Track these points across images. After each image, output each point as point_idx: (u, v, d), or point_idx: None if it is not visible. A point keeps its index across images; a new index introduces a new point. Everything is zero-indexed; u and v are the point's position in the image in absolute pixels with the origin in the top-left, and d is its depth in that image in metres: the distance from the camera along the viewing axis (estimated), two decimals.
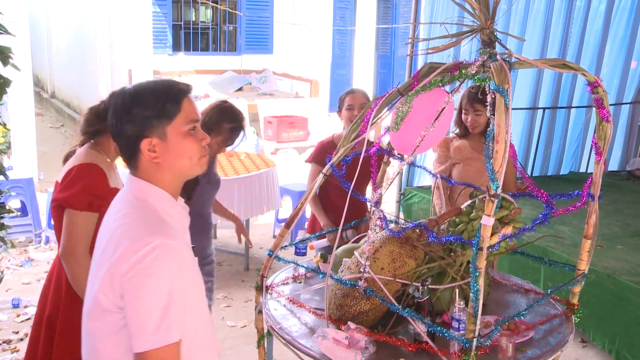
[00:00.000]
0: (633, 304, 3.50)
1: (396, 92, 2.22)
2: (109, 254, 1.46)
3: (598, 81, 2.12)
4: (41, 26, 12.59)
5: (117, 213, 1.54)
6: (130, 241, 1.42)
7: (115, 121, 1.51)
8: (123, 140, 1.52)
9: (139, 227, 1.46)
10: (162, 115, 1.49)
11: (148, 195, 1.52)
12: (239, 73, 11.29)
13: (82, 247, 2.24)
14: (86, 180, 2.25)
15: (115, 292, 1.43)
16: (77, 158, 2.34)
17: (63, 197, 2.25)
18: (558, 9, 5.85)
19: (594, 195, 2.26)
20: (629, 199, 5.54)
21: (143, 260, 1.39)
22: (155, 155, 1.50)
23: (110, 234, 1.50)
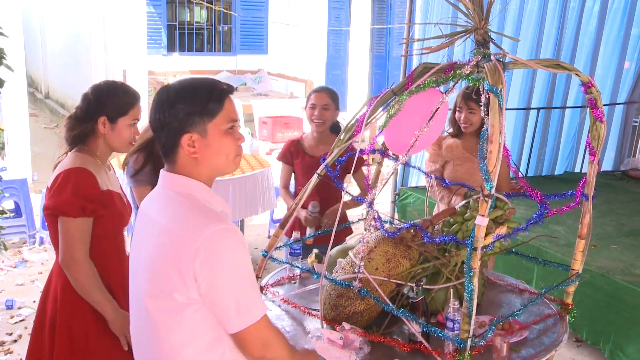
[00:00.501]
0: (627, 304, 3.51)
1: (390, 93, 2.22)
2: (168, 250, 1.48)
3: (591, 81, 2.13)
4: (35, 26, 12.54)
5: (163, 210, 1.56)
6: (194, 231, 1.45)
7: (158, 115, 1.55)
8: (164, 134, 1.55)
9: (196, 218, 1.49)
10: (205, 113, 1.54)
11: (190, 189, 1.56)
12: (233, 73, 11.28)
13: (81, 252, 2.20)
14: (75, 184, 2.20)
15: (188, 285, 1.45)
16: (64, 163, 2.29)
17: (54, 205, 2.20)
18: (552, 9, 5.87)
19: (588, 195, 2.27)
20: (623, 199, 5.56)
21: (213, 245, 1.43)
22: (195, 151, 1.54)
23: (162, 231, 1.52)
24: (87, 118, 2.29)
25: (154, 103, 1.58)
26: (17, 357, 3.71)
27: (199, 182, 1.58)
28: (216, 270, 1.44)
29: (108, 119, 2.28)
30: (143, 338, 1.62)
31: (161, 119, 1.55)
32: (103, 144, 2.33)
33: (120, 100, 2.30)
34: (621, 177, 6.40)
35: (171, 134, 1.54)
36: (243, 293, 1.47)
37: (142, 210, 1.66)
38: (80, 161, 2.25)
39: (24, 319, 4.20)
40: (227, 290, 1.45)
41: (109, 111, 2.28)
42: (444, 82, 2.11)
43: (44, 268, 5.09)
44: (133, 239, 1.68)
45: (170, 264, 1.47)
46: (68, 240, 2.19)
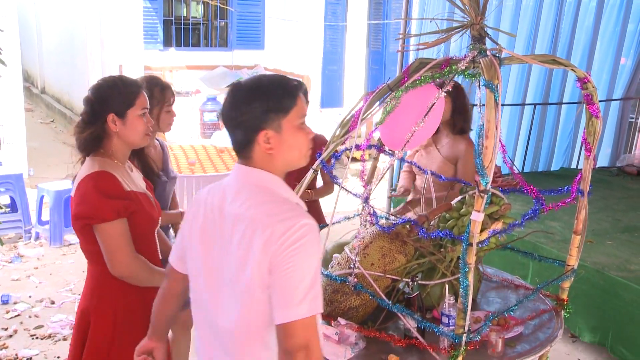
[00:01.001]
0: (622, 300, 3.52)
1: (386, 88, 2.22)
2: (249, 240, 1.51)
3: (587, 77, 2.13)
4: (31, 21, 12.49)
5: (242, 201, 1.57)
6: (280, 223, 1.49)
7: (234, 113, 1.58)
8: (240, 131, 1.59)
9: (281, 210, 1.53)
10: (280, 109, 1.57)
11: (268, 182, 1.60)
12: (230, 69, 11.25)
13: (130, 252, 2.12)
14: (98, 188, 2.09)
15: (263, 272, 1.49)
16: (83, 171, 2.17)
17: (87, 214, 2.08)
18: (548, 4, 5.86)
19: (584, 191, 2.27)
20: (619, 195, 5.57)
21: (297, 237, 1.47)
22: (270, 147, 1.58)
23: (241, 221, 1.55)
24: (95, 120, 2.18)
25: (228, 101, 1.60)
26: (12, 352, 3.71)
27: (278, 177, 1.62)
28: (298, 258, 1.47)
29: (117, 115, 2.17)
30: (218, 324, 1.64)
31: (237, 117, 1.58)
32: (119, 143, 2.21)
33: (123, 92, 2.19)
34: (617, 173, 6.41)
35: (247, 131, 1.58)
36: (315, 284, 1.50)
37: (208, 203, 1.66)
38: (98, 165, 2.15)
39: (20, 314, 4.19)
40: (303, 278, 1.48)
41: (115, 106, 2.17)
42: (440, 77, 2.10)
43: (39, 263, 5.08)
44: (199, 232, 1.68)
45: (252, 249, 1.50)
46: (113, 246, 2.09)
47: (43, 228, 5.55)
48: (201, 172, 4.82)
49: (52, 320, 4.09)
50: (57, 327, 3.99)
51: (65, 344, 3.83)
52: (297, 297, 1.47)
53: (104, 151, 2.20)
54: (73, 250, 5.39)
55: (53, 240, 5.44)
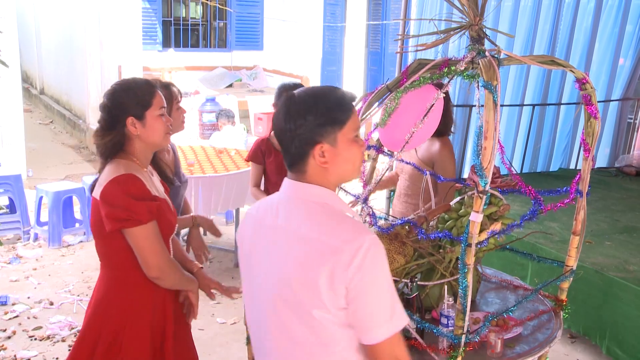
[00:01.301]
0: (621, 300, 3.52)
1: (385, 89, 2.22)
2: (315, 259, 1.47)
3: (586, 78, 2.13)
4: (30, 22, 12.49)
5: (299, 219, 1.54)
6: (345, 242, 1.46)
7: (289, 126, 1.54)
8: (294, 144, 1.54)
9: (344, 227, 1.50)
10: (336, 122, 1.54)
11: (325, 198, 1.57)
12: (229, 69, 11.26)
13: (165, 254, 2.12)
14: (127, 191, 2.05)
15: (338, 294, 1.46)
16: (106, 175, 2.11)
17: (124, 218, 2.04)
18: (547, 5, 5.87)
19: (582, 191, 2.28)
20: (618, 196, 5.57)
21: (366, 255, 1.44)
22: (325, 161, 1.54)
23: (302, 240, 1.51)
24: (114, 125, 2.14)
25: (282, 113, 1.56)
26: (11, 354, 3.70)
27: (333, 192, 1.59)
28: (371, 278, 1.45)
29: (136, 118, 2.14)
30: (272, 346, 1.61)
31: (292, 130, 1.54)
32: (141, 145, 2.18)
33: (138, 94, 2.16)
34: (616, 174, 6.42)
35: (302, 145, 1.54)
36: (395, 301, 1.49)
37: (258, 220, 1.64)
38: (123, 168, 2.11)
39: (18, 315, 4.19)
40: (379, 298, 1.47)
41: (132, 109, 2.14)
42: (438, 78, 2.11)
43: (38, 264, 5.07)
44: (245, 249, 1.66)
45: (318, 273, 1.46)
46: (148, 250, 2.07)
47: (42, 229, 5.55)
48: (200, 173, 4.82)
49: (51, 322, 4.09)
50: (56, 329, 3.99)
51: (64, 345, 3.82)
52: (380, 318, 1.47)
53: (126, 154, 2.17)
54: (72, 251, 5.38)
55: (52, 241, 5.44)
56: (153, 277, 2.11)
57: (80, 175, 7.37)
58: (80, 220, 5.75)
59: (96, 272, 4.87)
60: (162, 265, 2.10)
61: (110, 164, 2.14)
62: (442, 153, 3.14)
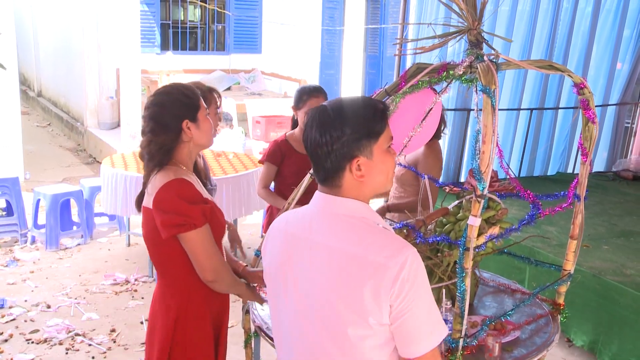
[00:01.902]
0: (618, 304, 3.53)
1: (383, 93, 2.22)
2: (359, 276, 1.45)
3: (584, 82, 2.14)
4: (27, 25, 12.48)
5: (338, 234, 1.51)
6: (388, 258, 1.44)
7: (323, 139, 1.49)
8: (331, 159, 1.50)
9: (384, 244, 1.47)
10: (372, 134, 1.50)
11: (362, 212, 1.53)
12: (227, 73, 11.26)
13: (220, 256, 2.12)
14: (181, 195, 2.05)
15: (383, 310, 1.44)
16: (159, 179, 2.09)
17: (179, 223, 2.02)
18: (545, 10, 5.89)
19: (580, 195, 2.28)
20: (615, 200, 5.58)
21: (411, 269, 1.43)
22: (362, 174, 1.51)
23: (344, 256, 1.48)
24: (167, 131, 2.12)
25: (315, 127, 1.51)
26: (7, 357, 3.69)
27: (366, 204, 1.56)
28: (416, 292, 1.44)
29: (190, 120, 2.14)
30: None
31: (327, 144, 1.49)
32: (189, 149, 2.18)
33: (189, 96, 2.17)
34: (613, 178, 6.43)
35: (339, 159, 1.50)
36: (435, 312, 1.49)
37: (287, 233, 1.61)
38: (173, 174, 2.10)
39: (15, 318, 4.17)
40: (424, 311, 1.46)
41: (186, 112, 2.14)
42: (437, 82, 2.11)
43: (35, 267, 5.06)
44: (274, 264, 1.63)
45: (362, 290, 1.44)
46: (204, 254, 2.06)
47: (39, 232, 5.54)
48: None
49: (48, 325, 4.08)
50: (53, 332, 3.98)
51: (61, 348, 3.81)
52: (423, 332, 1.46)
53: (173, 162, 2.15)
54: (69, 254, 5.37)
55: (49, 244, 5.43)
56: (209, 280, 2.10)
57: (78, 178, 7.36)
58: (78, 223, 5.74)
59: (93, 275, 4.91)
60: (218, 268, 2.09)
61: (159, 172, 2.12)
62: (427, 154, 3.19)
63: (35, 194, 5.62)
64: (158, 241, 2.10)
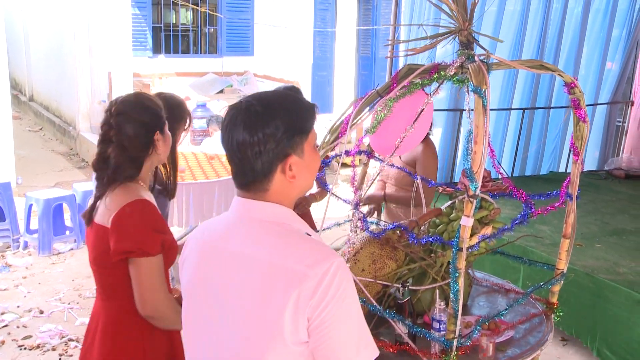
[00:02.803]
0: (611, 302, 3.54)
1: (375, 94, 2.23)
2: (277, 287, 1.29)
3: (574, 82, 2.14)
4: (18, 29, 12.42)
5: (256, 242, 1.35)
6: (309, 267, 1.28)
7: (252, 139, 1.32)
8: (262, 160, 1.33)
9: (305, 251, 1.32)
10: (303, 130, 1.37)
11: (284, 218, 1.38)
12: (219, 75, 11.24)
13: (165, 293, 1.93)
14: (146, 219, 1.91)
15: (300, 326, 1.28)
16: (120, 197, 1.92)
17: (133, 246, 1.87)
18: (535, 10, 5.91)
19: (572, 194, 2.29)
20: (607, 198, 5.61)
21: (334, 280, 1.27)
22: (293, 174, 1.37)
23: (263, 266, 1.32)
24: (143, 142, 1.99)
25: (243, 125, 1.34)
26: None
27: (290, 209, 1.40)
28: (338, 307, 1.28)
29: (160, 132, 2.02)
30: None
31: (257, 143, 1.32)
32: (153, 164, 2.05)
33: (157, 105, 2.05)
34: (605, 177, 6.46)
35: (271, 160, 1.34)
36: (364, 331, 1.34)
37: (204, 243, 1.44)
38: (135, 192, 1.94)
39: (8, 324, 4.15)
40: (349, 328, 1.30)
41: (158, 123, 2.02)
42: (428, 83, 2.11)
43: (28, 272, 5.03)
44: (189, 277, 1.45)
45: (283, 304, 1.27)
46: (148, 284, 1.89)
47: (31, 237, 5.51)
48: (191, 179, 4.81)
49: (41, 331, 4.05)
50: (46, 337, 3.96)
51: (54, 354, 3.79)
52: (347, 352, 1.30)
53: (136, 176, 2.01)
54: (62, 259, 5.35)
55: (42, 249, 5.40)
56: (147, 315, 1.93)
57: (70, 182, 7.33)
58: (71, 227, 5.71)
59: (87, 280, 4.88)
60: (160, 305, 1.92)
61: (119, 187, 1.95)
62: (425, 152, 3.20)
63: (28, 198, 5.59)
64: (109, 263, 1.93)
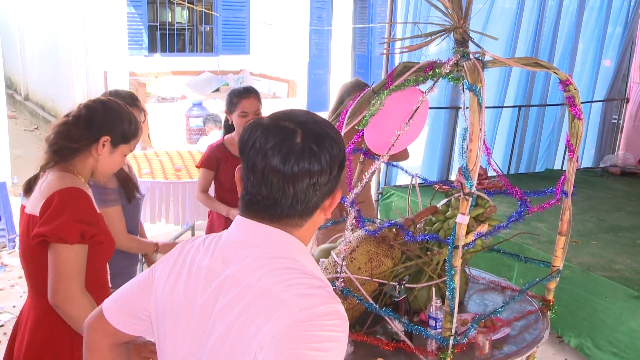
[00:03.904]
0: (607, 299, 3.55)
1: (370, 92, 2.22)
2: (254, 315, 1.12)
3: (569, 79, 2.15)
4: (13, 28, 12.39)
5: (254, 267, 1.17)
6: (302, 299, 1.11)
7: (314, 168, 1.16)
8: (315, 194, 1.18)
9: (304, 282, 1.15)
10: (344, 164, 1.24)
11: (297, 253, 1.21)
12: (215, 74, 11.23)
13: (79, 285, 1.87)
14: (73, 207, 1.87)
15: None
16: (54, 184, 1.92)
17: (49, 231, 1.83)
18: (530, 8, 5.91)
19: (568, 192, 2.29)
20: (603, 196, 5.62)
21: (322, 324, 1.09)
22: (330, 210, 1.24)
23: (246, 289, 1.15)
24: (89, 133, 1.98)
25: (305, 153, 1.15)
26: None
27: (304, 246, 1.25)
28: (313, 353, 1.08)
29: (111, 141, 2.00)
30: None
31: (319, 174, 1.16)
32: (90, 165, 2.02)
33: (130, 125, 2.03)
34: (601, 174, 6.48)
35: (322, 196, 1.19)
36: None
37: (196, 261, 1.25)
38: (70, 181, 1.93)
39: (3, 324, 4.14)
40: None
41: (115, 133, 2.00)
42: (423, 81, 2.11)
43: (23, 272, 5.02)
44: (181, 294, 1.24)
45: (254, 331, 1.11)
46: (64, 272, 1.84)
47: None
48: (187, 177, 4.81)
49: None
50: None
51: None
52: None
53: (72, 167, 1.99)
54: None
55: None
56: (56, 305, 1.86)
57: None
58: None
59: None
60: (72, 296, 1.85)
61: (55, 174, 1.95)
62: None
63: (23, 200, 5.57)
64: (39, 255, 1.89)
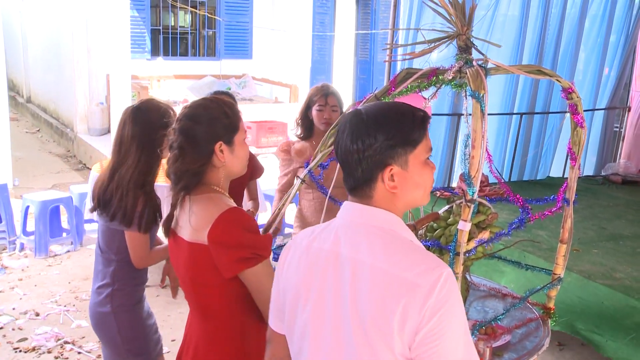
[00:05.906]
0: (607, 308, 3.54)
1: (373, 98, 2.22)
2: (385, 294, 1.31)
3: (572, 87, 2.15)
4: (16, 30, 12.42)
5: (367, 246, 1.38)
6: (419, 275, 1.30)
7: (355, 146, 1.39)
8: (362, 167, 1.39)
9: (417, 259, 1.34)
10: (408, 143, 1.40)
11: (392, 224, 1.41)
12: (218, 78, 11.24)
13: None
14: (245, 225, 1.81)
15: (405, 338, 1.29)
16: (210, 211, 1.81)
17: (245, 257, 1.78)
18: (534, 15, 5.93)
19: (569, 199, 2.29)
20: (605, 204, 5.61)
21: (446, 294, 1.28)
22: (394, 185, 1.40)
23: (370, 271, 1.34)
24: (200, 151, 1.86)
25: (347, 132, 1.41)
26: None
27: (399, 217, 1.43)
28: (446, 318, 1.28)
29: (225, 143, 1.88)
30: None
31: (358, 151, 1.38)
32: (222, 173, 1.91)
33: (226, 115, 1.91)
34: (602, 182, 6.47)
35: (370, 167, 1.39)
36: (469, 344, 1.33)
37: (314, 249, 1.45)
38: (222, 202, 1.85)
39: (3, 326, 4.13)
40: (457, 340, 1.30)
41: (222, 133, 1.88)
42: (426, 87, 2.12)
43: (24, 274, 5.02)
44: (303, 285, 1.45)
45: (392, 313, 1.29)
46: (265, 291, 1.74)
47: (28, 239, 5.49)
48: None
49: (37, 333, 4.04)
50: (42, 340, 3.95)
51: (49, 356, 3.78)
52: (458, 355, 1.29)
53: (208, 187, 1.89)
54: (58, 261, 5.33)
55: (38, 251, 5.38)
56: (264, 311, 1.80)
57: (67, 184, 7.32)
58: (68, 229, 5.70)
59: (83, 282, 4.86)
60: None
61: (200, 200, 1.85)
62: None
63: (24, 200, 5.58)
64: (213, 282, 1.83)
